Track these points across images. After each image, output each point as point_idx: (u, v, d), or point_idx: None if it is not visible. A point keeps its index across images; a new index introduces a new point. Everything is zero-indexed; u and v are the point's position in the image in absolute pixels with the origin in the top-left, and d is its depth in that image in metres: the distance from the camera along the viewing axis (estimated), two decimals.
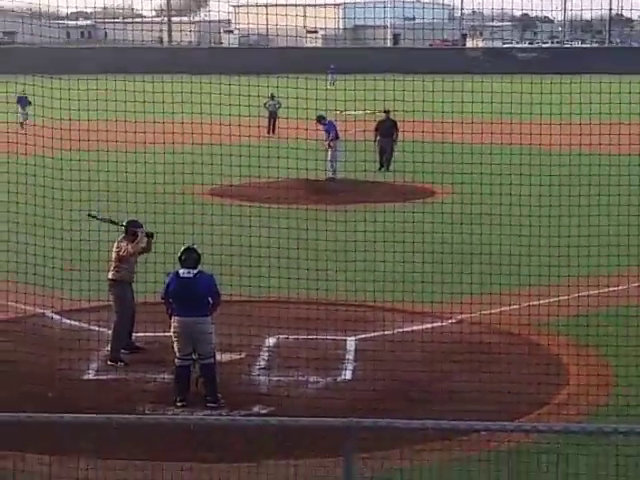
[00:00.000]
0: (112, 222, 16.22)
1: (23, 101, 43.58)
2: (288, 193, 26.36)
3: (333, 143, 32.81)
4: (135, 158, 20.99)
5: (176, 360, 14.10)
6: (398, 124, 34.08)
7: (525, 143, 22.81)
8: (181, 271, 13.98)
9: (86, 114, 21.20)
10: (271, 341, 16.15)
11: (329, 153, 32.68)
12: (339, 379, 14.90)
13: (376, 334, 16.44)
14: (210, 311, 13.95)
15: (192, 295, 13.78)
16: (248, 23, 79.96)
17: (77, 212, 18.32)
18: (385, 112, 34.60)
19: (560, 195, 19.63)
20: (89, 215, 16.55)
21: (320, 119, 31.81)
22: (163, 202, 19.44)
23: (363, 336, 16.40)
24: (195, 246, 14.31)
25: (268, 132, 41.84)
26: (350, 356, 15.77)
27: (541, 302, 17.20)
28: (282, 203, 24.36)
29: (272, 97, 43.05)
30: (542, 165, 21.56)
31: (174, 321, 14.00)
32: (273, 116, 44.34)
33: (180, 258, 14.03)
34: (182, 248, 14.17)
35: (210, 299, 13.90)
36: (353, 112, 28.73)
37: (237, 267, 17.24)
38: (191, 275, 13.89)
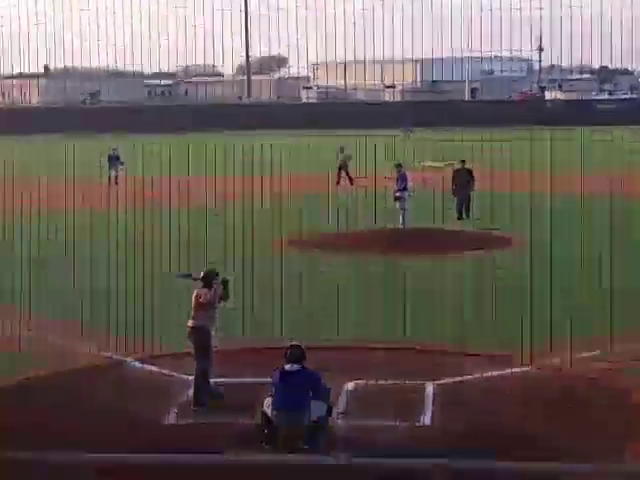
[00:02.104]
0: (196, 279, 16.52)
1: (114, 160, 44.73)
2: (361, 243, 26.52)
3: (400, 194, 32.90)
4: (202, 214, 21.28)
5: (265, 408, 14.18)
6: (474, 173, 34.05)
7: (605, 192, 22.70)
8: (286, 366, 14.22)
9: (167, 170, 21.62)
10: (349, 386, 16.19)
11: (397, 204, 32.77)
12: (417, 424, 14.86)
13: (455, 379, 16.38)
14: (311, 402, 13.90)
15: (292, 387, 13.91)
16: (327, 79, 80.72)
17: (158, 262, 18.66)
18: (461, 161, 34.67)
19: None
20: (178, 276, 16.87)
21: (398, 166, 32.13)
22: (241, 252, 19.70)
23: (442, 381, 16.36)
24: (299, 343, 14.53)
25: (337, 183, 42.60)
26: (429, 401, 15.74)
27: (625, 348, 17.00)
28: (356, 252, 24.50)
29: (342, 150, 43.75)
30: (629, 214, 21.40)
31: (274, 416, 14.01)
32: (344, 168, 45.00)
33: (285, 354, 14.29)
34: (288, 344, 14.45)
35: (312, 393, 13.94)
36: (431, 163, 28.95)
37: (316, 314, 17.39)
38: (294, 369, 14.12)
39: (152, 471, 10.71)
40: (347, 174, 44.54)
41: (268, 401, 14.20)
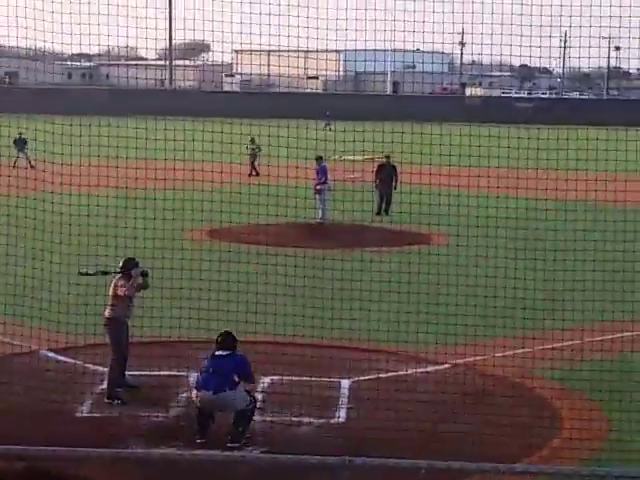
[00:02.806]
0: (105, 273, 16.31)
1: (20, 144, 44.10)
2: (281, 236, 26.53)
3: (320, 187, 32.88)
4: (122, 201, 21.09)
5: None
6: (398, 169, 34.14)
7: (521, 193, 22.95)
8: (217, 352, 14.18)
9: (79, 156, 21.32)
10: (265, 382, 16.17)
11: (317, 197, 32.79)
12: (333, 421, 14.90)
13: (371, 377, 16.45)
14: (235, 387, 13.93)
15: (219, 370, 13.90)
16: (251, 65, 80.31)
17: (74, 252, 18.43)
18: (386, 157, 34.69)
19: (556, 240, 19.74)
20: (80, 273, 16.63)
21: (318, 159, 32.11)
22: (162, 239, 19.55)
23: (358, 378, 16.42)
24: (230, 330, 14.51)
25: (249, 175, 42.57)
26: (344, 398, 15.78)
27: (536, 349, 17.23)
28: (275, 245, 24.50)
29: (252, 141, 43.55)
30: (538, 211, 21.70)
31: (195, 395, 14.10)
32: (252, 159, 44.94)
33: (217, 341, 14.25)
34: (220, 332, 14.40)
35: (237, 378, 13.97)
36: (352, 157, 28.93)
37: (234, 307, 17.33)
38: (224, 354, 14.09)
39: (60, 464, 10.58)
40: (253, 165, 44.51)
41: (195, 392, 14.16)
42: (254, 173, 43.63)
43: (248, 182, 30.15)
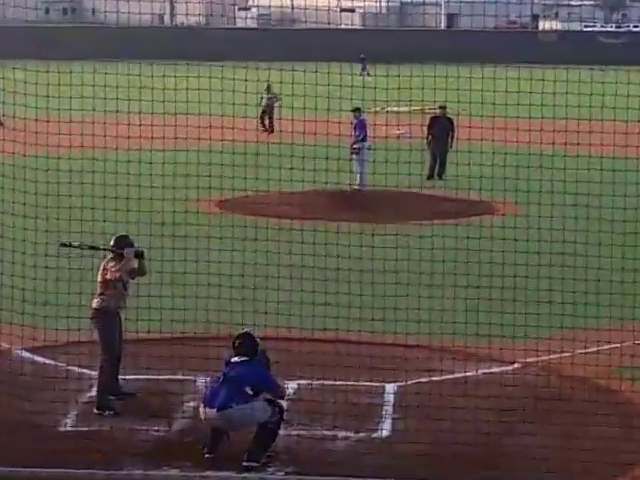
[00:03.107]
0: (92, 248, 16.40)
1: None
2: (309, 207, 26.61)
3: (358, 145, 32.83)
4: (111, 165, 21.10)
5: None
6: (454, 123, 34.06)
7: (607, 151, 22.90)
8: (233, 359, 14.25)
9: (58, 110, 21.42)
10: (291, 387, 16.25)
11: (354, 157, 32.68)
12: (374, 435, 14.96)
13: (421, 380, 16.50)
14: (248, 400, 13.95)
15: (231, 380, 13.97)
16: None
17: (51, 228, 18.54)
18: (440, 108, 34.60)
19: None
20: (61, 244, 16.71)
21: (355, 111, 32.05)
22: (161, 211, 19.63)
23: (405, 382, 16.47)
24: (252, 331, 14.55)
25: (265, 131, 42.74)
26: (389, 406, 15.84)
27: (624, 344, 17.23)
28: (302, 218, 24.57)
29: (268, 89, 43.41)
30: (629, 173, 21.61)
31: (201, 412, 14.21)
32: (269, 112, 44.93)
33: (233, 344, 14.31)
34: (238, 333, 14.46)
35: (250, 391, 13.95)
36: (397, 108, 28.83)
37: (250, 295, 17.43)
38: (239, 361, 14.14)
39: None
40: (270, 120, 44.55)
41: None
42: (269, 129, 43.81)
43: (267, 140, 30.22)
